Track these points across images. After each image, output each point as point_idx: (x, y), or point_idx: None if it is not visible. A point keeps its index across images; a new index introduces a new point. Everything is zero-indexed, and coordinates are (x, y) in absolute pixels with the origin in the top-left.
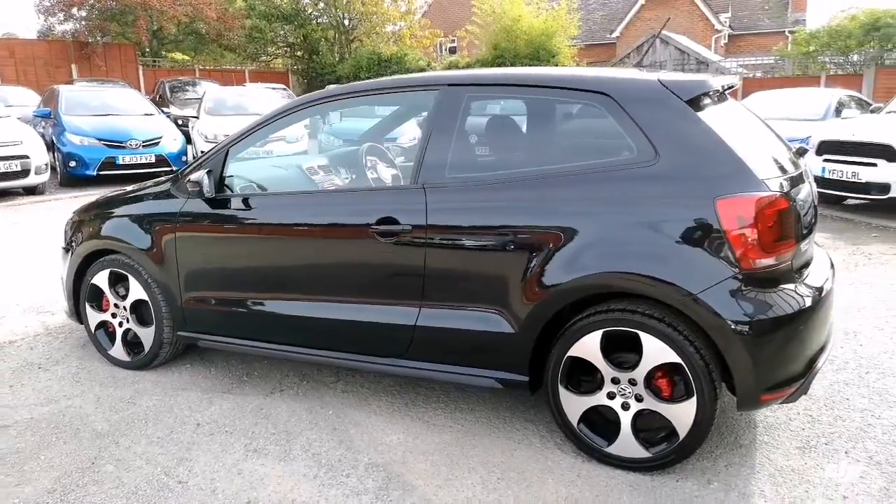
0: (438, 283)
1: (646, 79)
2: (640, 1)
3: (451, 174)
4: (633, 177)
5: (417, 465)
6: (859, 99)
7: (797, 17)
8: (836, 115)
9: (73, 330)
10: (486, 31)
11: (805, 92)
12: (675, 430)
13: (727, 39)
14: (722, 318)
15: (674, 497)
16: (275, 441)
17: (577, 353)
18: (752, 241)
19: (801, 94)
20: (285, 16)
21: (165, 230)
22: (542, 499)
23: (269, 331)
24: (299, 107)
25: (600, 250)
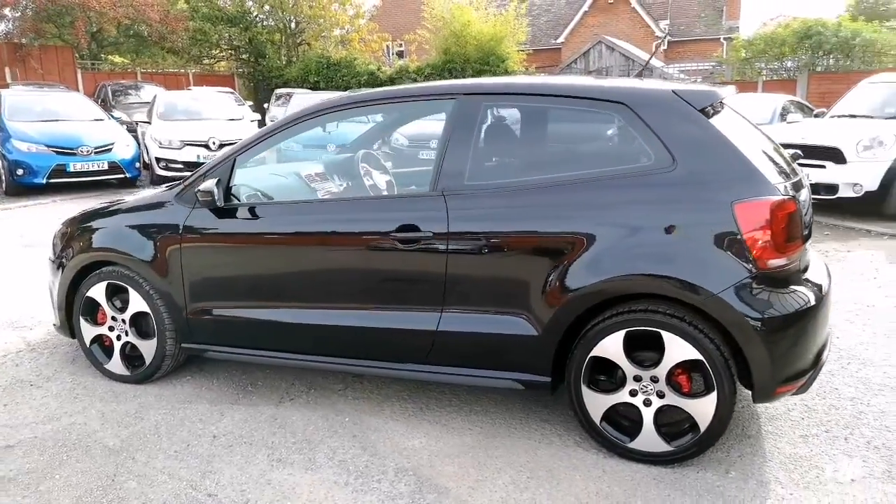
0: (460, 287)
1: (661, 89)
2: (583, 8)
3: (470, 181)
4: (652, 183)
5: (445, 468)
6: (800, 103)
7: (731, 25)
8: (780, 119)
9: (58, 345)
10: (436, 36)
11: (751, 97)
12: (697, 424)
13: (666, 45)
14: (742, 316)
15: (697, 487)
16: (297, 450)
17: (599, 353)
18: (766, 243)
19: (748, 99)
20: (230, 18)
21: (169, 240)
22: (574, 495)
23: (282, 340)
24: (312, 115)
25: (623, 253)
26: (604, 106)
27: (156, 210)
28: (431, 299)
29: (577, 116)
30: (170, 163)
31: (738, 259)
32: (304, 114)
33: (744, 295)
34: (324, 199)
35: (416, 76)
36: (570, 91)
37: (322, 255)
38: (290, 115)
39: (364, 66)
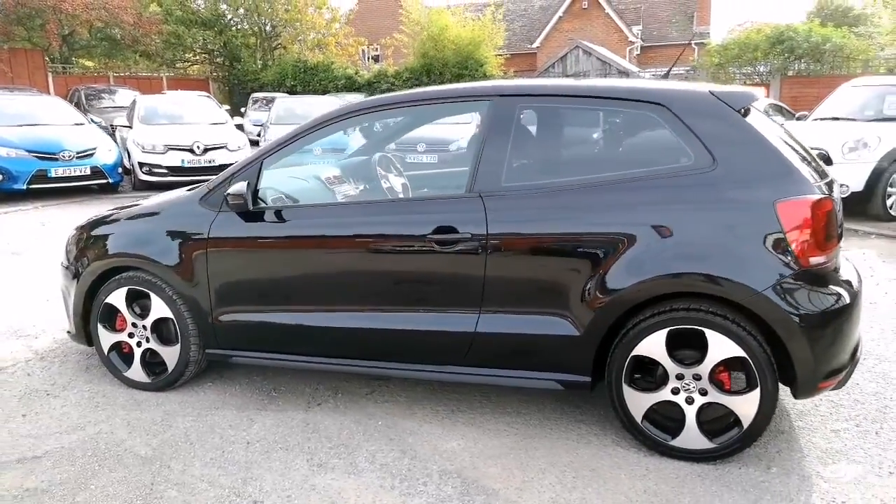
0: (499, 289)
1: (699, 90)
2: (558, 13)
3: (507, 182)
4: (693, 183)
5: (489, 470)
6: (780, 107)
7: (702, 31)
8: None
9: (67, 353)
10: (414, 41)
11: None
12: (739, 421)
13: (639, 51)
14: (787, 313)
15: (742, 483)
16: (336, 455)
17: (641, 352)
18: (808, 241)
19: None
20: (204, 21)
21: (195, 245)
22: (622, 493)
23: (313, 343)
24: (341, 117)
25: (667, 252)
26: (642, 107)
27: (179, 214)
28: (469, 301)
29: (614, 117)
30: (153, 167)
31: (781, 257)
32: (333, 116)
33: (787, 292)
34: (357, 201)
35: (393, 80)
36: (607, 92)
37: (356, 257)
38: (318, 118)
39: (341, 70)
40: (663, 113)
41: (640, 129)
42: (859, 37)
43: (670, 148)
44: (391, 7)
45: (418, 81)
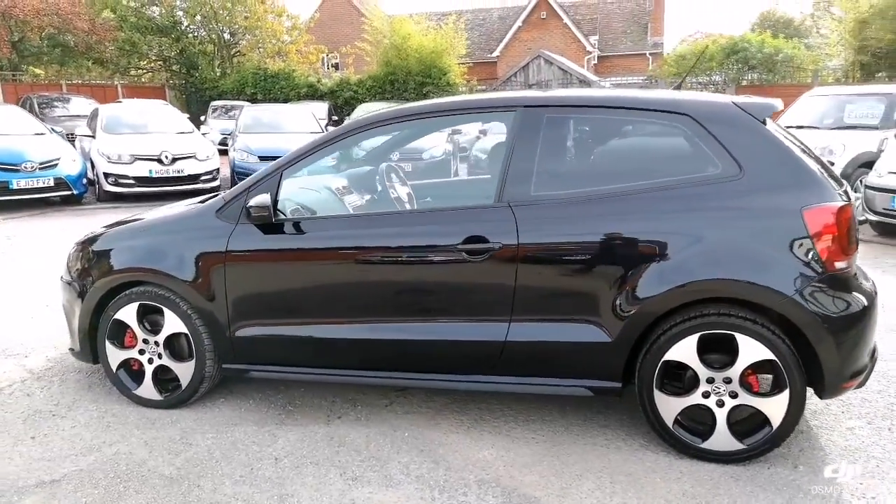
0: (530, 297)
1: (722, 101)
2: (517, 23)
3: (536, 192)
4: (721, 191)
5: (526, 478)
6: None
7: (655, 41)
8: None
9: (65, 371)
10: (376, 49)
11: None
12: (769, 421)
13: (596, 60)
14: (815, 316)
15: (774, 482)
16: (368, 467)
17: (672, 357)
18: (833, 246)
19: None
20: (160, 28)
21: (212, 258)
22: (662, 497)
23: (338, 356)
24: (364, 127)
25: (698, 259)
26: (668, 117)
27: (194, 227)
28: (500, 309)
29: (641, 127)
30: (120, 178)
31: (809, 262)
32: (357, 126)
33: (815, 296)
34: (383, 212)
35: (356, 88)
36: (633, 103)
37: (382, 268)
38: (341, 128)
39: (303, 78)
40: (689, 123)
41: (666, 139)
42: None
43: (697, 157)
44: (351, 16)
45: (381, 90)
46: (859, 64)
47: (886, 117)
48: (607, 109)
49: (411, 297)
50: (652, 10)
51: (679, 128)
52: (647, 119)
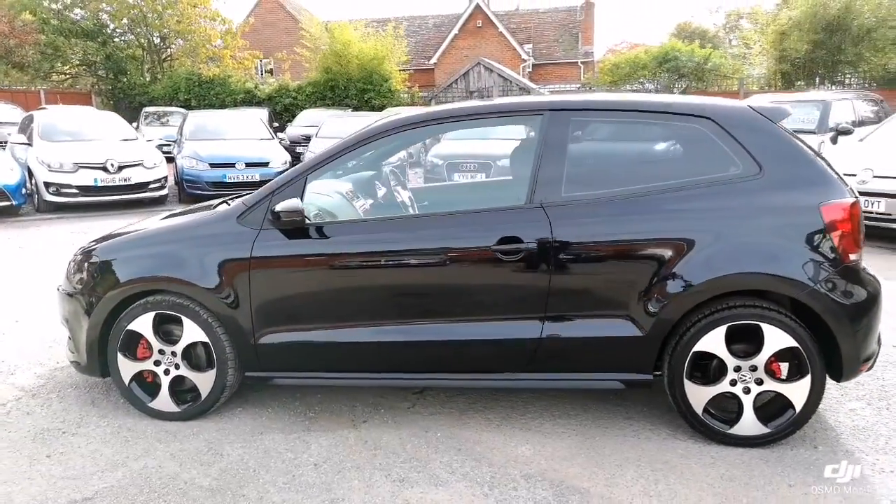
0: (564, 295)
1: (740, 105)
2: (453, 31)
3: (567, 192)
4: (744, 189)
5: (570, 470)
6: None
7: (586, 50)
8: None
9: (61, 387)
10: (315, 55)
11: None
12: (792, 405)
13: (531, 68)
14: (835, 304)
15: (800, 462)
16: (412, 468)
17: (702, 347)
18: (847, 239)
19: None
20: (85, 32)
21: (236, 265)
22: (702, 481)
23: (368, 360)
24: (391, 131)
25: (725, 254)
26: (690, 120)
27: (215, 234)
28: (534, 308)
29: (665, 130)
30: (62, 187)
31: (827, 254)
32: (382, 130)
33: (834, 286)
34: (414, 214)
35: (296, 94)
36: (656, 107)
37: (414, 271)
38: (366, 132)
39: (240, 84)
40: (711, 126)
41: (689, 141)
42: (734, 57)
43: (719, 158)
44: (284, 21)
45: (322, 97)
46: (780, 73)
47: (822, 123)
48: (631, 113)
49: (445, 298)
50: (582, 20)
51: (701, 130)
52: (670, 122)
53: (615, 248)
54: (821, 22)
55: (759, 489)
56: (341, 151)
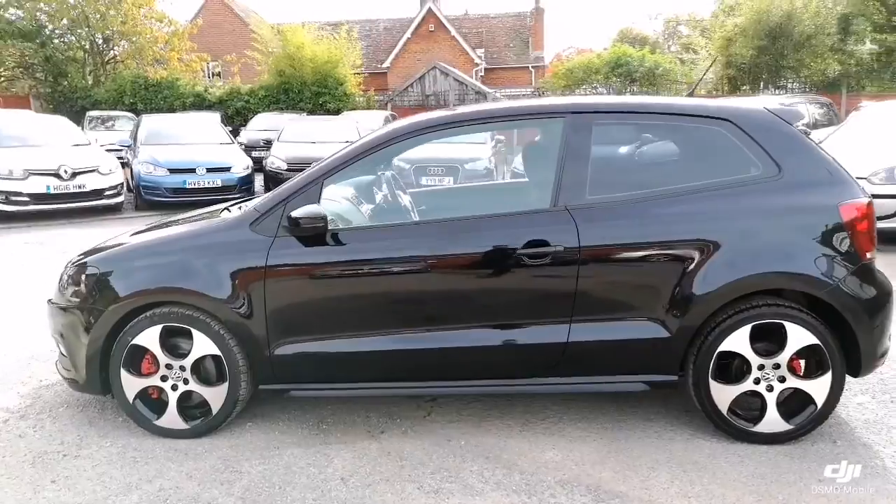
0: (591, 298)
1: (757, 108)
2: (406, 35)
3: (591, 195)
4: (766, 189)
5: (602, 474)
6: None
7: (537, 55)
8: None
9: (50, 407)
10: (267, 58)
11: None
12: (814, 401)
13: (483, 72)
14: (855, 302)
15: (823, 456)
16: (444, 479)
17: (727, 347)
18: (864, 238)
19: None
20: (23, 33)
21: (251, 274)
22: (735, 479)
23: (389, 368)
24: (411, 133)
25: (749, 254)
26: (710, 122)
27: (227, 242)
28: (561, 311)
29: (685, 132)
30: (12, 195)
31: (846, 253)
32: (401, 133)
33: (854, 283)
34: (437, 219)
35: (248, 98)
36: (674, 109)
37: (438, 276)
38: (383, 135)
39: (189, 87)
40: (730, 128)
41: (709, 143)
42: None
43: (739, 159)
44: (232, 23)
45: (275, 100)
46: (727, 77)
47: None
48: (652, 115)
49: (471, 304)
50: (532, 25)
51: (721, 132)
52: (689, 124)
53: (641, 250)
54: (764, 28)
55: (792, 485)
56: (360, 154)
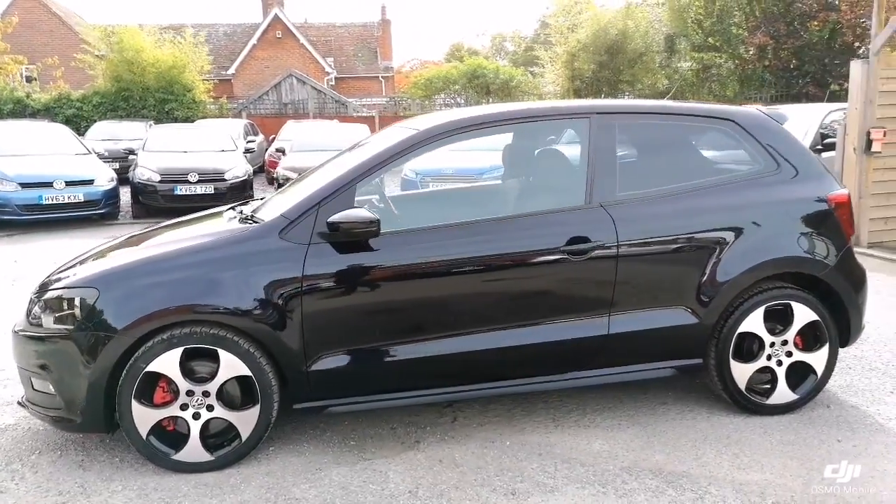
0: (628, 289)
1: (752, 110)
2: (251, 41)
3: (622, 192)
4: (769, 183)
5: (657, 458)
6: None
7: (386, 65)
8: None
9: (21, 454)
10: (101, 62)
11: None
12: (815, 371)
13: (334, 81)
14: (847, 279)
15: (833, 421)
16: (512, 479)
17: (745, 328)
18: (847, 224)
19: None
20: None
21: (285, 285)
22: (768, 447)
23: (438, 373)
24: (441, 135)
25: (765, 242)
26: (717, 122)
27: (255, 252)
28: (601, 305)
29: (695, 131)
30: None
31: (836, 238)
32: (431, 135)
33: (844, 264)
34: (477, 219)
35: (80, 105)
36: (685, 110)
37: (482, 277)
38: (413, 137)
39: (8, 93)
40: (734, 127)
41: (716, 141)
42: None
43: (743, 156)
44: (49, 23)
45: (113, 107)
46: (573, 90)
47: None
48: (667, 115)
49: (515, 304)
50: (380, 36)
51: (726, 131)
52: (699, 124)
53: (672, 241)
54: (603, 45)
55: (819, 447)
56: (394, 156)
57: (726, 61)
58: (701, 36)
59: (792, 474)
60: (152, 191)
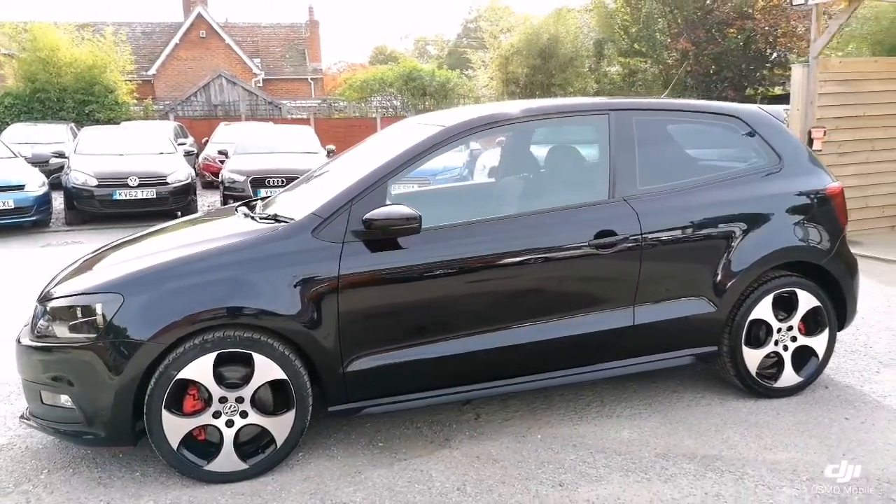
0: (652, 281)
1: (753, 107)
2: (174, 40)
3: (642, 186)
4: (776, 176)
5: (687, 443)
6: None
7: (315, 67)
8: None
9: (28, 474)
10: (11, 61)
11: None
12: (816, 354)
13: (262, 83)
14: (845, 267)
15: (836, 400)
16: (556, 471)
17: (756, 315)
18: (843, 214)
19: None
20: None
21: (321, 285)
22: (786, 427)
23: (475, 370)
24: (464, 132)
25: (776, 232)
26: (723, 119)
27: (288, 252)
28: (626, 297)
29: (704, 128)
30: None
31: (833, 228)
32: (456, 132)
33: (840, 252)
34: (508, 215)
35: None
36: (694, 107)
37: (515, 272)
38: (438, 135)
39: None
40: (739, 123)
41: (724, 137)
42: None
43: (750, 151)
44: None
45: (27, 109)
46: (507, 93)
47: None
48: (679, 112)
49: (547, 298)
50: (308, 37)
51: (732, 127)
52: (707, 120)
53: (692, 233)
54: (535, 49)
55: (830, 425)
56: (424, 152)
57: (651, 66)
58: (627, 42)
59: (815, 451)
60: (89, 196)
